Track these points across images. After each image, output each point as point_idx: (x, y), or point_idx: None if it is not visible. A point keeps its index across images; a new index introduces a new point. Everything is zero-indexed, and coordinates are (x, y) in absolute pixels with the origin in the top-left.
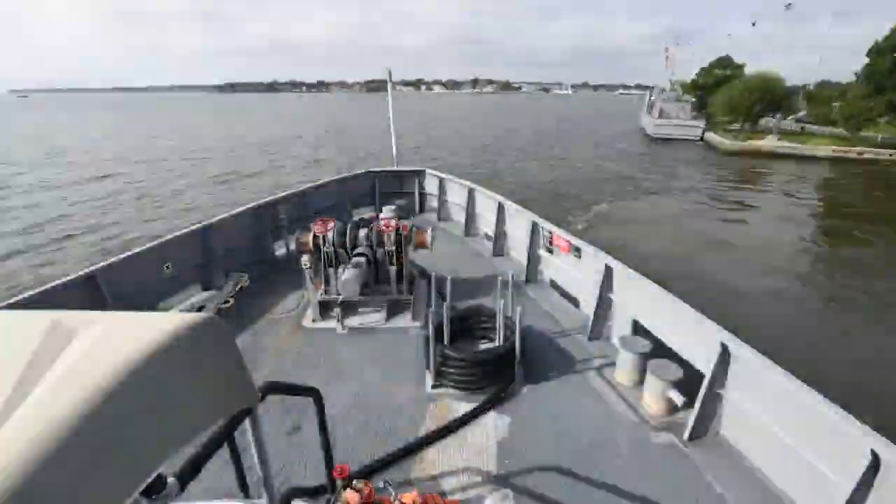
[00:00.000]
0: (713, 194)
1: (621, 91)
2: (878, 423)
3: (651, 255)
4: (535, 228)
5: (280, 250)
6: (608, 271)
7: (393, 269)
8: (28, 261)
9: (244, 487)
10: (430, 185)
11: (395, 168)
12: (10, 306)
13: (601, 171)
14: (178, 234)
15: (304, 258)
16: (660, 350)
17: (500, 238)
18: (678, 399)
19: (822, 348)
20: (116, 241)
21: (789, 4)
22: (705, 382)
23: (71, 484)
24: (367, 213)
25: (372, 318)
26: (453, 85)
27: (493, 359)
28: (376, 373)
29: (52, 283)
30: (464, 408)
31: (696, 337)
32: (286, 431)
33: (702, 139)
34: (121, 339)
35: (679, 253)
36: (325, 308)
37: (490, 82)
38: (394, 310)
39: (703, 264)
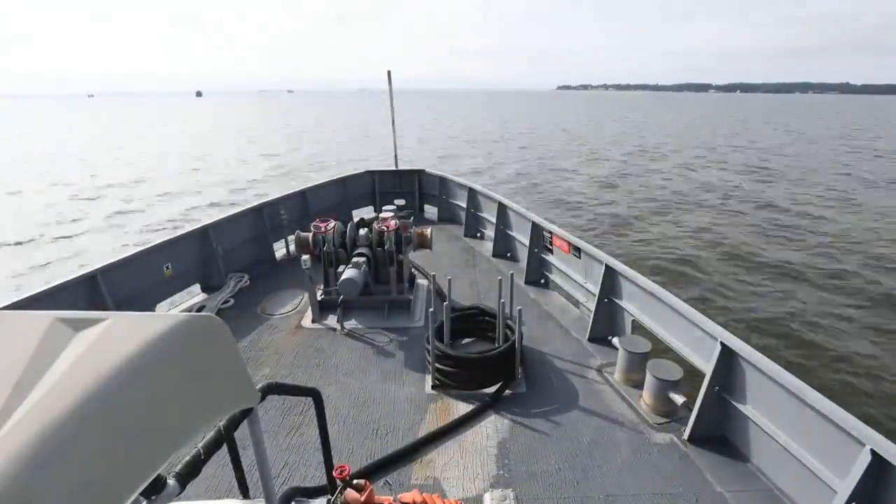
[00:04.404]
0: None
1: None
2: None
3: None
4: (535, 228)
5: (280, 250)
6: (608, 271)
7: (393, 269)
8: None
9: (244, 487)
10: (430, 185)
11: (395, 168)
12: (10, 306)
13: None
14: (178, 234)
15: (304, 258)
16: (660, 350)
17: (500, 238)
18: (678, 399)
19: None
20: None
21: None
22: (705, 382)
23: (70, 484)
24: (367, 213)
25: (372, 318)
26: None
27: (493, 359)
28: (376, 373)
29: (53, 284)
30: (464, 408)
31: (695, 337)
32: (286, 431)
33: None
34: (121, 339)
35: None
36: (324, 308)
37: None
38: (394, 310)
39: None
